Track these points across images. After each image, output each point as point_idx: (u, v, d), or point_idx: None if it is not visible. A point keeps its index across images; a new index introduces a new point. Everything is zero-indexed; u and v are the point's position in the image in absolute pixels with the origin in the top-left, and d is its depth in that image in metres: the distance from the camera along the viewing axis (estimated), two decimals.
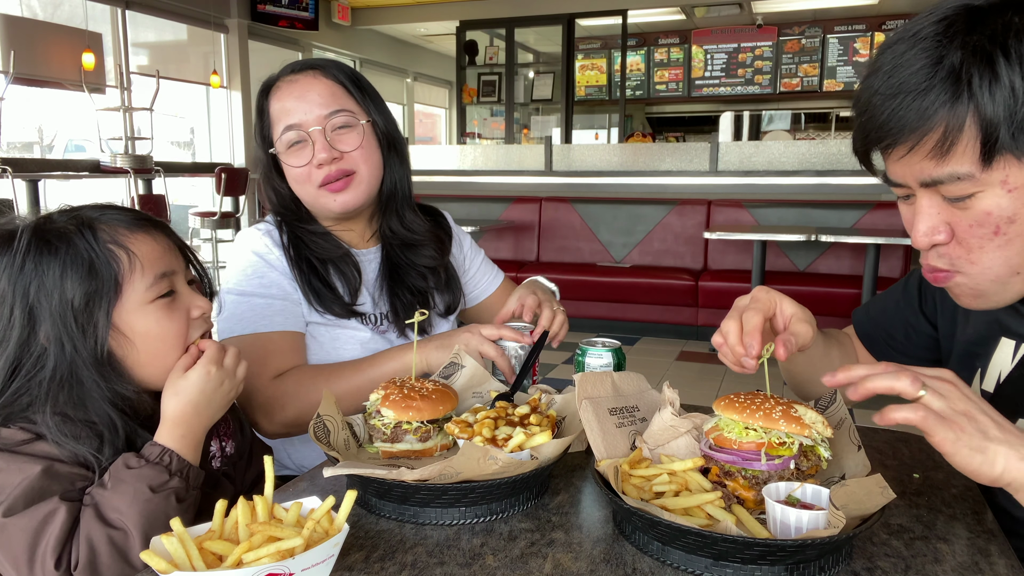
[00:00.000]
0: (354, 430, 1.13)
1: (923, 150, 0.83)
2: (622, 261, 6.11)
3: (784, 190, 5.82)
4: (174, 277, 1.03)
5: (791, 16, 9.91)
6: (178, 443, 0.96)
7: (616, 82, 10.34)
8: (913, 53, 0.82)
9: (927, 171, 0.85)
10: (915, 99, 0.82)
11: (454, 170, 6.95)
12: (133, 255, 0.99)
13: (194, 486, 0.97)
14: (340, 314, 1.41)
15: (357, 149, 1.40)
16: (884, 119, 0.85)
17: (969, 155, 0.81)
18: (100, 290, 0.96)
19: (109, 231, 0.99)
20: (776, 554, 0.77)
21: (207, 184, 7.86)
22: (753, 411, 0.90)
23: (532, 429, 1.00)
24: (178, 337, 1.02)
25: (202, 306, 1.05)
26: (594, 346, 1.32)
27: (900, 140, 0.85)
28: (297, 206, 1.47)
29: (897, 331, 1.26)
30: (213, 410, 1.01)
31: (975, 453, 0.77)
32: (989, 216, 0.83)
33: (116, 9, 7.27)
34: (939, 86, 0.80)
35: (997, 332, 1.05)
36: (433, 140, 13.41)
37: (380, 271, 1.51)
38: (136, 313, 0.99)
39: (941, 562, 0.84)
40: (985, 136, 0.79)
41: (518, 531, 0.91)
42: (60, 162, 6.58)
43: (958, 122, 0.80)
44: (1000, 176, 0.81)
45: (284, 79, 1.42)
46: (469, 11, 9.20)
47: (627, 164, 6.40)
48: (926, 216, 0.89)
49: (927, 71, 0.81)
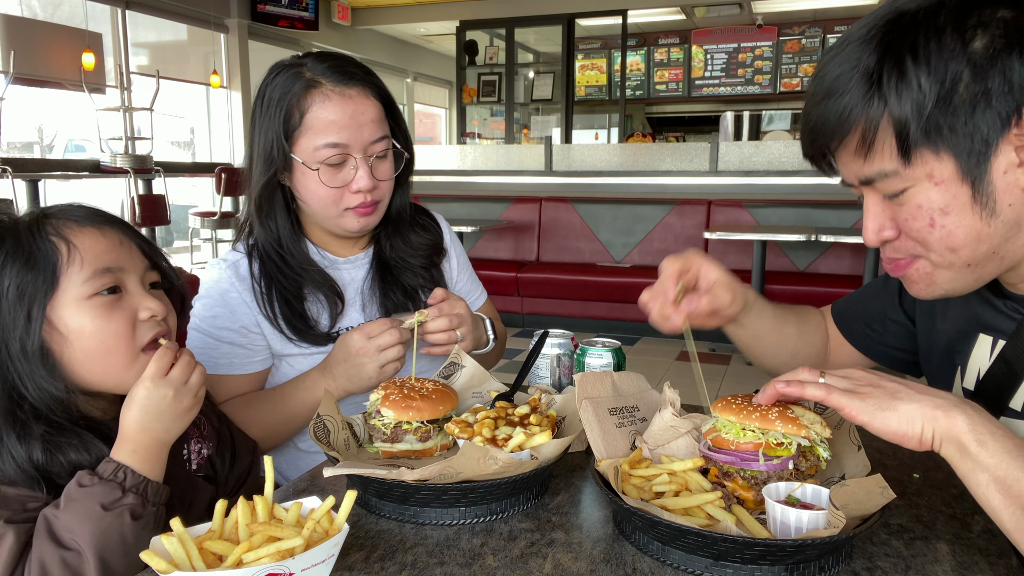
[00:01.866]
0: (354, 430, 1.13)
1: (849, 150, 0.87)
2: (622, 261, 6.11)
3: (784, 190, 5.82)
4: (121, 275, 0.98)
5: (791, 16, 9.91)
6: (130, 458, 0.92)
7: (616, 82, 10.34)
8: (839, 58, 0.86)
9: (860, 170, 0.88)
10: (835, 101, 0.85)
11: (454, 170, 6.95)
12: (74, 247, 0.95)
13: (154, 502, 0.92)
14: (317, 342, 1.38)
15: (389, 180, 1.39)
16: (814, 123, 0.89)
17: (888, 152, 0.84)
18: (36, 281, 0.93)
19: (56, 225, 0.96)
20: (776, 554, 0.77)
21: (207, 184, 7.87)
22: (750, 412, 0.90)
23: (532, 429, 1.00)
24: (117, 338, 0.96)
25: (152, 308, 0.99)
26: (594, 346, 1.32)
27: (829, 141, 0.88)
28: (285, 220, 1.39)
29: (874, 320, 1.28)
30: (165, 424, 0.95)
31: (889, 413, 0.79)
32: (920, 209, 0.86)
33: (116, 9, 7.27)
34: (854, 88, 0.83)
35: (975, 328, 1.05)
36: (433, 140, 13.41)
37: (370, 274, 1.49)
38: (71, 308, 0.94)
39: (941, 562, 0.84)
40: (899, 134, 0.82)
41: (518, 531, 0.91)
42: (60, 162, 6.58)
43: (874, 122, 0.83)
44: (924, 171, 0.83)
45: (335, 89, 1.30)
46: (469, 11, 9.20)
47: (627, 164, 6.39)
48: (871, 215, 0.92)
49: (847, 74, 0.84)
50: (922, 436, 0.78)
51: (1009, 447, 0.75)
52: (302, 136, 1.31)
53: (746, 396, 0.95)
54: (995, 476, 0.74)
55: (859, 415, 0.81)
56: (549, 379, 1.37)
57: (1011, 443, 0.75)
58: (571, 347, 1.39)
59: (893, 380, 0.84)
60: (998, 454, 0.75)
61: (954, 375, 1.09)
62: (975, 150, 0.80)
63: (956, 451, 0.77)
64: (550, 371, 1.37)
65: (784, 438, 0.89)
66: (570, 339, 1.40)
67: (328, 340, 1.38)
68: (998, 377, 0.99)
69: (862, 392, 0.82)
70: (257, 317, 1.36)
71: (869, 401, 0.81)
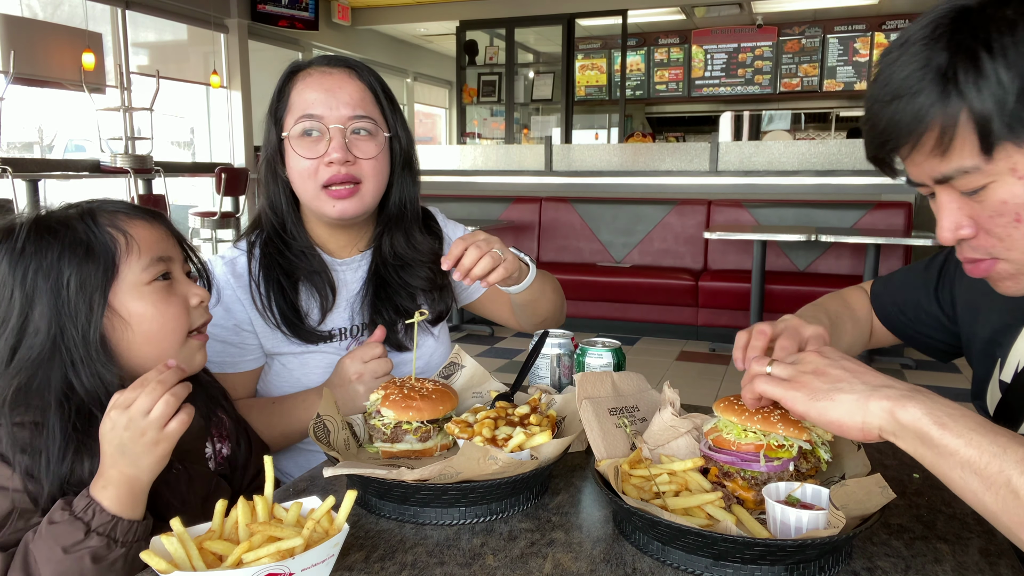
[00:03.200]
0: (354, 430, 1.13)
1: (924, 149, 0.84)
2: (622, 261, 6.11)
3: (784, 190, 5.83)
4: (171, 263, 1.04)
5: (791, 16, 9.91)
6: (101, 494, 0.89)
7: (616, 82, 10.34)
8: (904, 59, 0.84)
9: (936, 168, 0.85)
10: (907, 102, 0.83)
11: (454, 170, 6.95)
12: (131, 237, 1.00)
13: (124, 541, 0.88)
14: (309, 340, 1.38)
15: (370, 160, 1.36)
16: (884, 125, 0.86)
17: (969, 149, 0.81)
18: (97, 271, 0.96)
19: (109, 217, 1.01)
20: (776, 554, 0.77)
21: (207, 184, 7.86)
22: (752, 414, 0.91)
23: (532, 429, 1.00)
24: (176, 320, 1.02)
25: (200, 294, 1.06)
26: (594, 346, 1.32)
27: (901, 142, 0.85)
28: (288, 205, 1.41)
29: (908, 306, 1.28)
30: (130, 458, 0.89)
31: (825, 403, 0.78)
32: (1006, 205, 0.83)
33: (116, 9, 7.27)
34: (928, 87, 0.81)
35: (1019, 321, 1.05)
36: (433, 140, 13.40)
37: (365, 284, 1.46)
38: (132, 294, 0.99)
39: (941, 562, 0.84)
40: (981, 130, 0.79)
41: (518, 531, 0.91)
42: (60, 162, 6.58)
43: (952, 120, 0.80)
44: (1007, 165, 0.81)
45: (317, 68, 1.37)
46: (469, 11, 9.20)
47: (627, 164, 6.39)
48: (947, 212, 0.89)
49: (917, 74, 0.82)
50: (864, 427, 0.77)
51: (972, 425, 0.72)
52: (287, 115, 1.37)
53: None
54: (964, 458, 0.70)
55: (795, 406, 0.80)
56: (549, 379, 1.37)
57: (973, 421, 0.72)
58: (571, 347, 1.39)
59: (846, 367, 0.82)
60: (964, 433, 0.71)
61: (993, 367, 1.09)
62: None
63: (918, 441, 0.74)
64: (550, 371, 1.37)
65: (785, 440, 0.89)
66: (570, 339, 1.40)
67: (318, 338, 1.38)
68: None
69: (800, 381, 0.81)
70: (251, 315, 1.36)
71: (804, 391, 0.80)
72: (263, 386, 1.43)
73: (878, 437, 0.77)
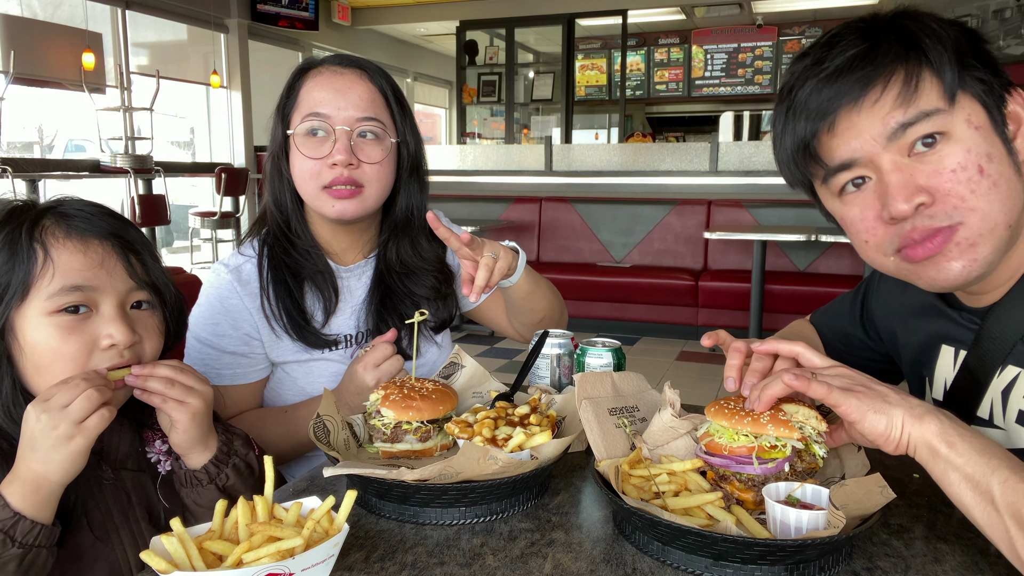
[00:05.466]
0: (354, 430, 1.13)
1: (891, 95, 0.86)
2: (622, 261, 6.11)
3: (784, 190, 5.75)
4: (94, 295, 0.94)
5: (791, 16, 9.91)
6: (7, 489, 0.85)
7: (616, 82, 10.34)
8: (842, 46, 0.89)
9: (894, 118, 0.86)
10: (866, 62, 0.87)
11: (454, 170, 6.95)
12: (49, 259, 0.93)
13: (23, 543, 0.83)
14: (315, 344, 1.36)
15: (375, 164, 1.33)
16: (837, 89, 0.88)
17: (936, 92, 0.85)
18: (10, 284, 0.92)
19: (49, 229, 0.95)
20: (776, 554, 0.77)
21: (207, 184, 7.87)
22: (741, 417, 0.90)
23: (532, 429, 1.00)
24: (69, 360, 0.93)
25: (115, 336, 0.94)
26: (594, 346, 1.32)
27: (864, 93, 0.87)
28: (293, 202, 1.40)
29: (843, 337, 1.32)
30: (41, 454, 0.86)
31: (880, 416, 0.80)
32: (969, 153, 0.85)
33: (116, 9, 7.27)
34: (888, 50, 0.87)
35: (937, 341, 1.06)
36: (433, 140, 13.40)
37: (371, 292, 1.44)
38: (31, 320, 0.93)
39: (941, 562, 0.84)
40: (940, 76, 0.85)
41: (518, 531, 0.91)
42: (60, 162, 6.59)
43: (915, 67, 0.86)
44: (964, 115, 0.85)
45: (328, 67, 1.35)
46: (469, 11, 9.20)
47: (627, 164, 6.39)
48: (899, 181, 0.87)
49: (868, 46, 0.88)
50: (900, 440, 0.80)
51: (977, 446, 0.77)
52: (294, 112, 1.35)
53: (739, 399, 0.94)
54: (965, 474, 0.76)
55: (852, 413, 0.81)
56: (549, 379, 1.37)
57: (979, 442, 0.77)
58: (571, 347, 1.39)
59: (878, 382, 0.85)
60: (967, 453, 0.76)
61: (923, 388, 1.11)
62: (996, 104, 0.87)
63: (929, 454, 0.79)
64: (550, 371, 1.37)
65: (778, 440, 0.89)
66: (570, 339, 1.40)
67: (324, 343, 1.37)
68: (964, 386, 1.01)
69: (857, 391, 0.83)
70: (257, 323, 1.34)
71: (865, 401, 0.81)
72: (267, 396, 1.42)
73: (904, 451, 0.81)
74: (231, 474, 1.03)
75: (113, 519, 0.98)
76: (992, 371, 0.97)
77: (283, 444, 1.31)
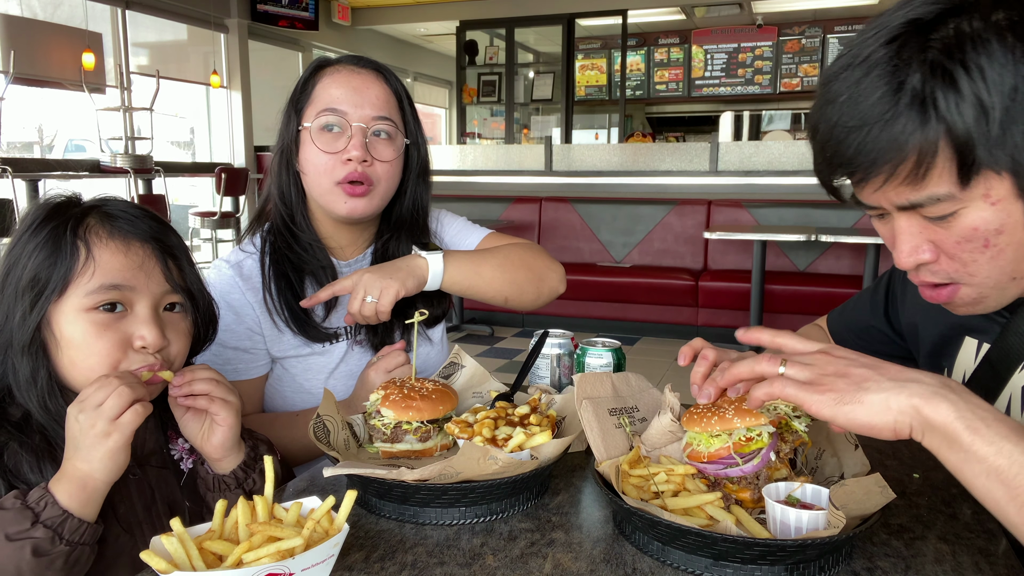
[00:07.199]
0: (354, 430, 1.13)
1: (898, 179, 0.80)
2: (622, 261, 6.11)
3: (784, 190, 5.82)
4: (130, 294, 0.97)
5: (791, 16, 9.91)
6: (56, 487, 0.87)
7: (616, 82, 10.34)
8: (869, 81, 0.78)
9: (904, 196, 0.81)
10: (882, 129, 0.77)
11: (454, 170, 6.95)
12: (91, 257, 0.95)
13: (69, 540, 0.86)
14: (316, 338, 1.38)
15: (387, 163, 1.37)
16: (852, 153, 0.81)
17: (947, 177, 0.77)
18: (50, 278, 0.94)
19: (93, 228, 0.97)
20: (776, 554, 0.77)
21: (207, 184, 7.87)
22: (709, 418, 0.89)
23: (532, 429, 1.00)
24: (103, 357, 0.95)
25: (147, 337, 0.96)
26: (594, 346, 1.32)
27: (873, 173, 0.80)
28: (298, 197, 1.41)
29: (862, 331, 1.31)
30: (83, 453, 0.88)
31: (853, 406, 0.73)
32: (976, 231, 0.80)
33: (116, 9, 7.27)
34: (905, 113, 0.76)
35: (960, 332, 1.05)
36: (433, 140, 13.39)
37: None
38: (68, 315, 0.95)
39: (941, 562, 0.84)
40: (961, 157, 0.75)
41: (518, 531, 0.91)
42: (60, 162, 6.58)
43: (931, 147, 0.76)
44: (981, 191, 0.78)
45: (346, 66, 1.38)
46: (469, 11, 9.20)
47: (627, 164, 6.40)
48: (907, 237, 0.85)
49: (889, 98, 0.77)
50: (896, 427, 0.73)
51: (1005, 432, 0.68)
52: (308, 107, 1.37)
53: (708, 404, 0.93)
54: (993, 466, 0.67)
55: (821, 410, 0.75)
56: (549, 379, 1.37)
57: (1006, 427, 0.69)
58: (571, 347, 1.39)
59: (867, 364, 0.78)
60: (995, 441, 0.68)
61: None
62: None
63: (943, 442, 0.71)
64: (550, 371, 1.37)
65: (750, 431, 0.88)
66: (570, 339, 1.40)
67: (324, 337, 1.38)
68: (983, 379, 0.99)
69: (824, 384, 0.76)
70: (259, 317, 1.35)
71: (830, 395, 0.75)
72: (266, 393, 1.43)
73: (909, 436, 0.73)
74: (259, 479, 1.05)
75: (137, 514, 1.00)
76: (1015, 366, 0.95)
77: (292, 447, 1.32)
